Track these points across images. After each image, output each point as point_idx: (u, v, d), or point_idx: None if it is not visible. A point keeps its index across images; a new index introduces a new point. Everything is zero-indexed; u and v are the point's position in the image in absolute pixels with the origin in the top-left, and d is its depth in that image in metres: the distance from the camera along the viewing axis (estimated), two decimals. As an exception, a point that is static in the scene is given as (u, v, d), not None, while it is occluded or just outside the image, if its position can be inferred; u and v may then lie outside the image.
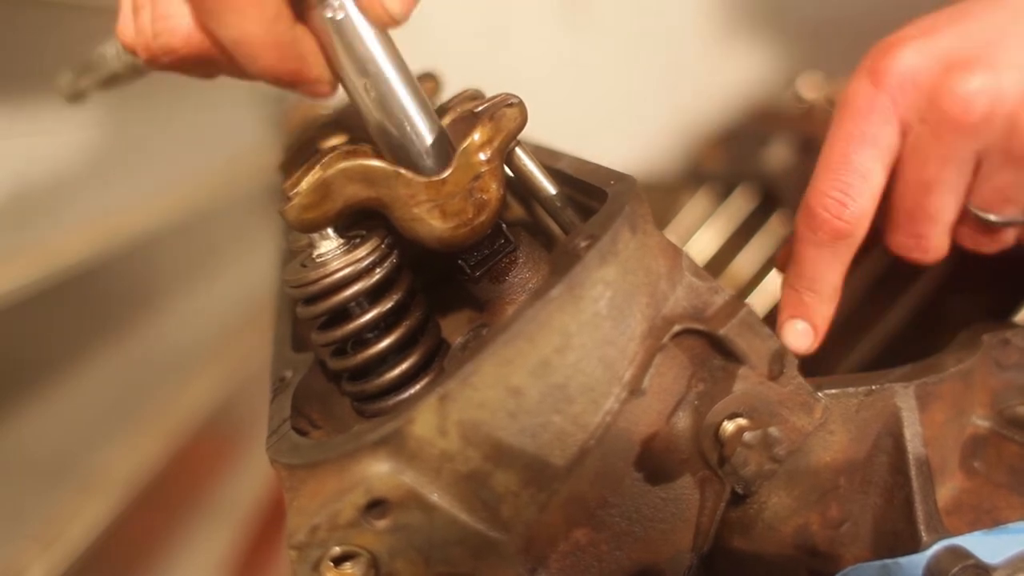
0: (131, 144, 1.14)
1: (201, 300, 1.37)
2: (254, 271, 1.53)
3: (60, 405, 0.97)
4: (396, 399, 0.41)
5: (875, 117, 0.45)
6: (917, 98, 0.44)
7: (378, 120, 0.39)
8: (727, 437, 0.38)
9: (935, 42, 0.44)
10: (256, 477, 1.39)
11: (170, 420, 1.14)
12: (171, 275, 1.31)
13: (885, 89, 0.45)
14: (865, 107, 0.45)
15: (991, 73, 0.42)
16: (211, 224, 1.46)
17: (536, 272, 0.44)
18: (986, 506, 0.47)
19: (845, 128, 0.46)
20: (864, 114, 0.45)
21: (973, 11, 0.45)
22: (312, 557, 0.35)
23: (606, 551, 0.39)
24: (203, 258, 1.43)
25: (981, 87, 0.42)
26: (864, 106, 0.45)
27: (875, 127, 0.45)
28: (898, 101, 0.45)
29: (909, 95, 0.44)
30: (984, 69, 0.42)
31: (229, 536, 1.30)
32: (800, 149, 1.03)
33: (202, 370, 1.28)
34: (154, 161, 1.21)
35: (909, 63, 0.44)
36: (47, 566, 0.84)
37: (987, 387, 0.49)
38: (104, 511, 0.95)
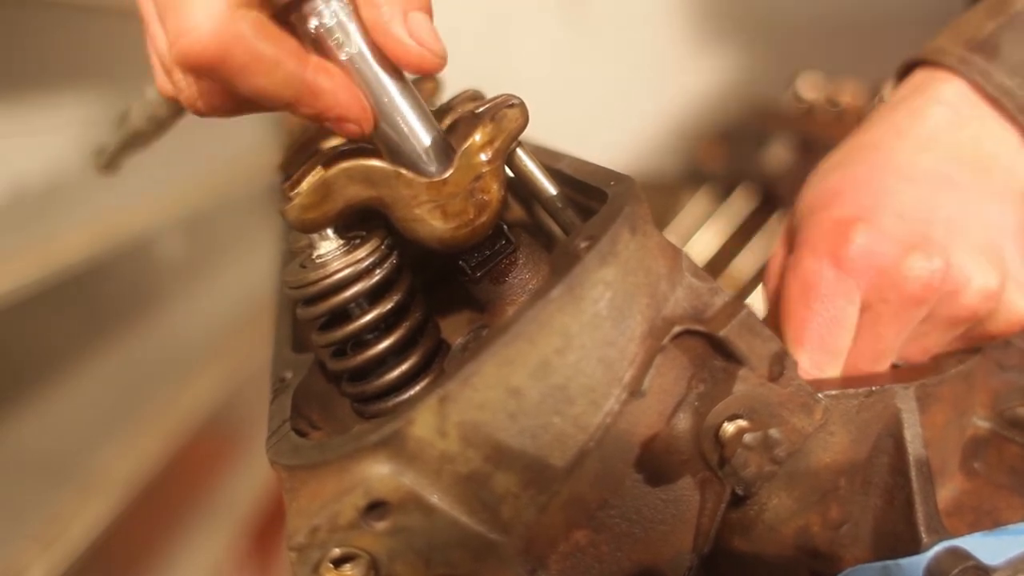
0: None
1: (201, 300, 1.37)
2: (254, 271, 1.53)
3: (60, 405, 0.97)
4: (396, 400, 0.41)
5: (841, 299, 0.48)
6: (877, 279, 0.47)
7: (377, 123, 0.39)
8: (727, 438, 0.38)
9: (880, 224, 0.48)
10: (256, 478, 1.39)
11: (170, 420, 1.14)
12: (171, 275, 1.31)
13: (849, 273, 0.48)
14: (831, 291, 0.48)
15: (941, 254, 0.46)
16: (211, 224, 1.46)
17: (536, 273, 0.44)
18: (986, 507, 0.47)
19: (814, 310, 0.48)
20: (832, 298, 0.48)
21: (889, 186, 0.49)
22: (312, 558, 0.35)
23: (606, 552, 0.39)
24: (203, 258, 1.43)
25: (938, 267, 0.46)
26: (830, 290, 0.48)
27: (843, 309, 0.48)
28: (861, 284, 0.48)
29: (870, 277, 0.47)
30: (936, 251, 0.46)
31: (229, 536, 1.30)
32: (800, 149, 1.03)
33: (202, 370, 1.28)
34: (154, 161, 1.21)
35: (866, 247, 0.47)
36: (47, 566, 0.84)
37: (988, 388, 0.49)
38: (104, 511, 0.95)
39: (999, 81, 0.49)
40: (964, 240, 0.47)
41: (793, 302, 0.49)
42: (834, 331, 0.48)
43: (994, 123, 0.50)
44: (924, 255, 0.46)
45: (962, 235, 0.48)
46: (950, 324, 0.48)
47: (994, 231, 0.48)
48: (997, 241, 0.48)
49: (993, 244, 0.48)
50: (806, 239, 0.50)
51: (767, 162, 1.05)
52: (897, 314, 0.47)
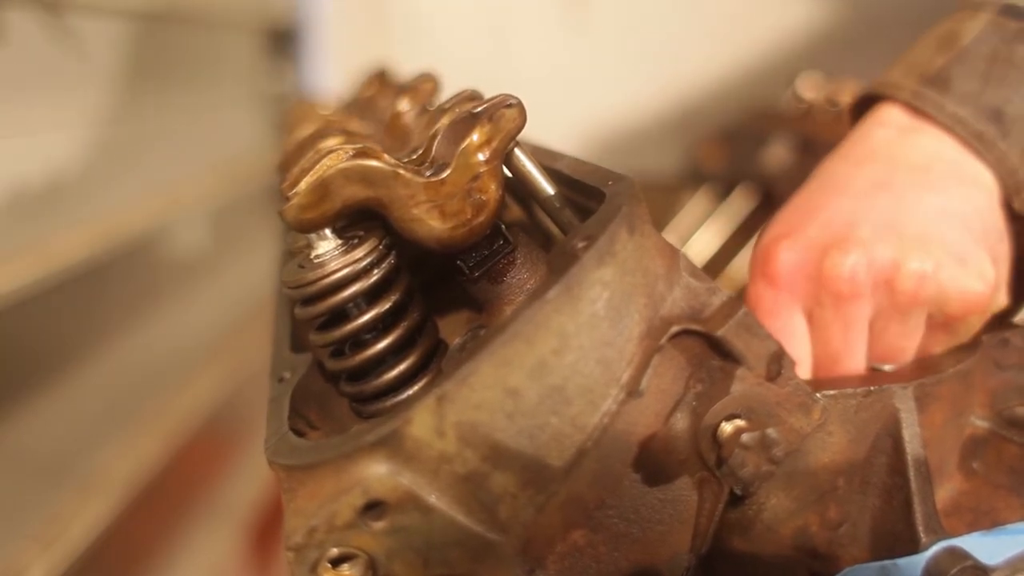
0: (131, 144, 1.14)
1: (201, 300, 1.37)
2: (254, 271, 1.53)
3: (60, 405, 0.97)
4: (394, 400, 0.41)
5: (784, 313, 0.50)
6: (808, 286, 0.49)
7: None
8: (725, 438, 0.38)
9: (804, 235, 0.50)
10: (255, 478, 1.39)
11: (170, 420, 1.14)
12: (171, 275, 1.31)
13: (781, 287, 0.50)
14: (772, 308, 0.50)
15: (860, 247, 0.48)
16: (211, 224, 1.46)
17: (534, 273, 0.44)
18: (985, 507, 0.47)
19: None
20: (775, 314, 0.50)
21: (822, 202, 0.51)
22: (310, 558, 0.35)
23: (604, 552, 0.39)
24: (203, 258, 1.43)
25: (857, 260, 0.47)
26: (771, 307, 0.50)
27: (787, 322, 0.50)
28: (795, 291, 0.50)
29: (801, 286, 0.49)
30: (853, 246, 0.48)
31: (229, 536, 1.30)
32: (800, 149, 1.03)
33: (202, 370, 1.28)
34: (154, 161, 1.21)
35: (791, 259, 0.50)
36: (47, 566, 0.84)
37: (986, 388, 0.49)
38: (104, 511, 0.95)
39: (952, 111, 0.50)
40: (892, 233, 0.48)
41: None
42: (790, 344, 0.49)
43: (935, 136, 0.51)
44: (841, 252, 0.48)
45: (891, 229, 0.48)
46: (900, 313, 0.48)
47: (930, 219, 0.49)
48: (933, 227, 0.48)
49: (927, 231, 0.48)
50: (750, 266, 0.53)
51: (767, 162, 1.05)
52: (836, 314, 0.49)
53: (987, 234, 0.49)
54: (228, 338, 1.39)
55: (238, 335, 1.41)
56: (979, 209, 0.49)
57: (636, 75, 1.45)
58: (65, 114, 1.00)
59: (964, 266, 0.48)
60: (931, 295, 0.48)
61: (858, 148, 0.53)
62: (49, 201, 0.94)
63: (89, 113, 1.06)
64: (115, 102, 1.12)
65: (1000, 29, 0.51)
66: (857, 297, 0.48)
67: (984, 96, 0.50)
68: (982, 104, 0.50)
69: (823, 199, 0.52)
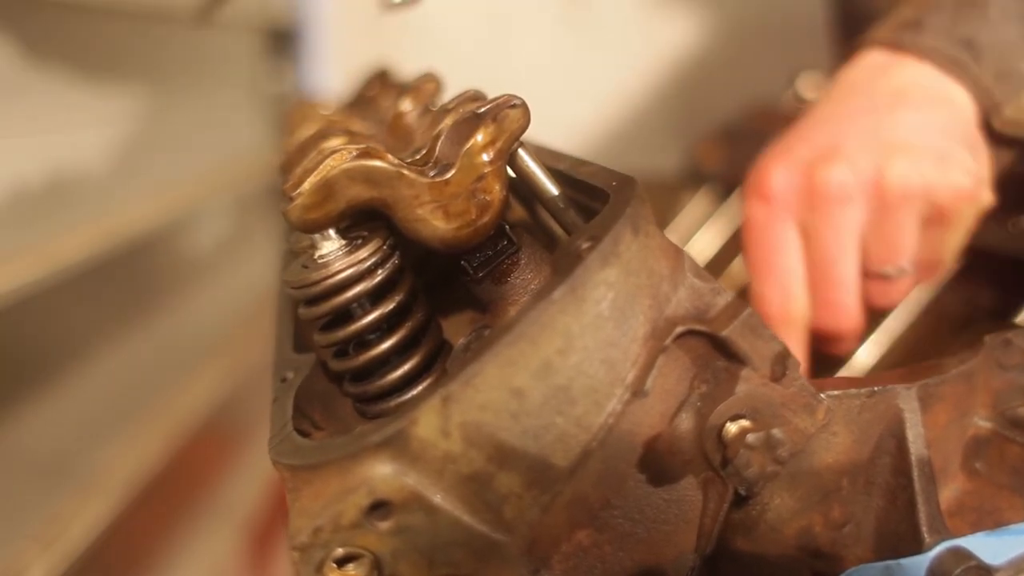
0: (131, 144, 1.14)
1: (201, 300, 1.37)
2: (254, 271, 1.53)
3: (60, 405, 0.97)
4: (398, 400, 0.41)
5: (778, 225, 0.54)
6: (799, 197, 0.53)
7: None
8: (730, 439, 0.38)
9: (794, 154, 0.54)
10: (256, 478, 1.39)
11: (170, 420, 1.14)
12: (171, 275, 1.31)
13: (774, 201, 0.54)
14: (766, 222, 0.54)
15: (845, 159, 0.52)
16: (211, 224, 1.46)
17: (538, 273, 0.44)
18: (988, 507, 0.47)
19: (757, 242, 0.55)
20: (769, 227, 0.54)
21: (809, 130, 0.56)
22: (315, 558, 0.35)
23: (609, 552, 0.39)
24: (203, 258, 1.43)
25: (843, 168, 0.51)
26: (765, 220, 0.54)
27: (780, 233, 0.54)
28: (788, 205, 0.53)
29: (793, 197, 0.53)
30: (838, 158, 0.52)
31: (229, 536, 1.30)
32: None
33: (202, 370, 1.28)
34: (154, 161, 1.21)
35: (783, 175, 0.54)
36: (47, 566, 0.84)
37: (989, 388, 0.49)
38: (104, 511, 0.95)
39: (927, 43, 0.54)
40: (876, 141, 0.52)
41: (745, 250, 0.56)
42: (780, 255, 0.53)
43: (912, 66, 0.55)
44: (830, 163, 0.51)
45: (874, 138, 0.52)
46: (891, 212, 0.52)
47: (909, 129, 0.52)
48: (913, 135, 0.52)
49: (907, 138, 0.52)
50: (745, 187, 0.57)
51: (767, 162, 1.04)
52: (827, 220, 0.52)
53: (966, 139, 0.53)
54: (229, 338, 1.39)
55: (239, 335, 1.41)
56: (956, 121, 0.53)
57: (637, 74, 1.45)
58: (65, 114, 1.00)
59: (945, 161, 0.51)
60: (917, 189, 0.51)
61: (840, 86, 0.58)
62: (49, 201, 0.94)
63: (89, 113, 1.06)
64: (115, 102, 1.12)
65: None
66: (846, 200, 0.51)
67: (955, 30, 0.54)
68: (955, 35, 0.54)
69: (809, 129, 0.56)
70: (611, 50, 1.46)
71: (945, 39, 0.54)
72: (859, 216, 0.52)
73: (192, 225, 1.37)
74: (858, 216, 0.52)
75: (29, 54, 0.93)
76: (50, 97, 0.97)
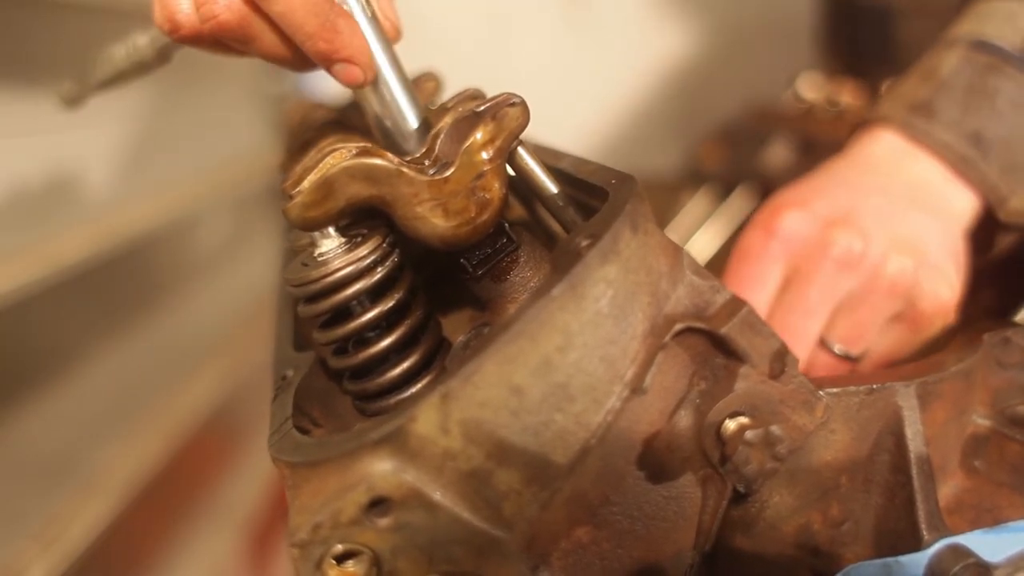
0: (131, 144, 1.14)
1: (201, 300, 1.37)
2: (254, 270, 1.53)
3: (60, 405, 0.97)
4: (398, 398, 0.41)
5: (768, 261, 0.55)
6: (803, 246, 0.55)
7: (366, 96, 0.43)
8: (729, 436, 0.38)
9: (811, 206, 0.56)
10: (256, 477, 1.39)
11: (170, 420, 1.14)
12: (171, 275, 1.31)
13: (776, 239, 0.55)
14: (760, 252, 0.56)
15: (860, 232, 0.53)
16: (211, 224, 1.46)
17: (538, 271, 0.44)
18: (987, 505, 0.47)
19: (742, 269, 0.57)
20: (758, 259, 0.56)
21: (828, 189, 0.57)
22: (314, 555, 0.35)
23: (608, 549, 0.39)
24: (203, 258, 1.43)
25: (858, 239, 0.53)
26: (759, 252, 0.56)
27: (767, 269, 0.55)
28: (787, 248, 0.55)
29: (797, 244, 0.55)
30: (855, 228, 0.53)
31: (229, 536, 1.30)
32: (800, 149, 1.04)
33: (202, 369, 1.28)
34: (154, 161, 1.21)
35: (795, 221, 0.55)
36: (47, 566, 0.84)
37: (988, 386, 0.49)
38: (104, 511, 0.95)
39: (939, 137, 0.56)
40: (887, 229, 0.54)
41: (730, 266, 0.58)
42: (755, 287, 0.55)
43: (927, 161, 0.57)
44: (846, 230, 0.53)
45: (886, 225, 0.54)
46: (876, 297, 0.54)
47: (917, 229, 0.55)
48: (918, 235, 0.55)
49: (913, 238, 0.54)
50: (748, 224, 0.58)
51: (767, 162, 1.05)
52: (819, 274, 0.53)
53: (954, 254, 0.56)
54: (229, 338, 1.39)
55: (239, 335, 1.41)
56: (952, 235, 0.56)
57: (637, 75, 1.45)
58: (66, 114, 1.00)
59: (939, 272, 0.54)
60: (907, 288, 0.53)
61: (861, 157, 0.59)
62: (49, 201, 0.94)
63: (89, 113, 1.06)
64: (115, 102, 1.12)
65: (972, 63, 0.58)
66: (847, 268, 0.53)
67: (964, 123, 0.56)
68: (964, 130, 0.56)
69: (829, 187, 0.57)
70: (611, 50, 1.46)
71: (955, 133, 0.56)
72: (847, 288, 0.53)
73: (192, 225, 1.37)
74: (846, 287, 0.53)
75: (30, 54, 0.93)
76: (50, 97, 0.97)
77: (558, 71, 1.48)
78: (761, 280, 0.55)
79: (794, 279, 0.55)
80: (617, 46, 1.45)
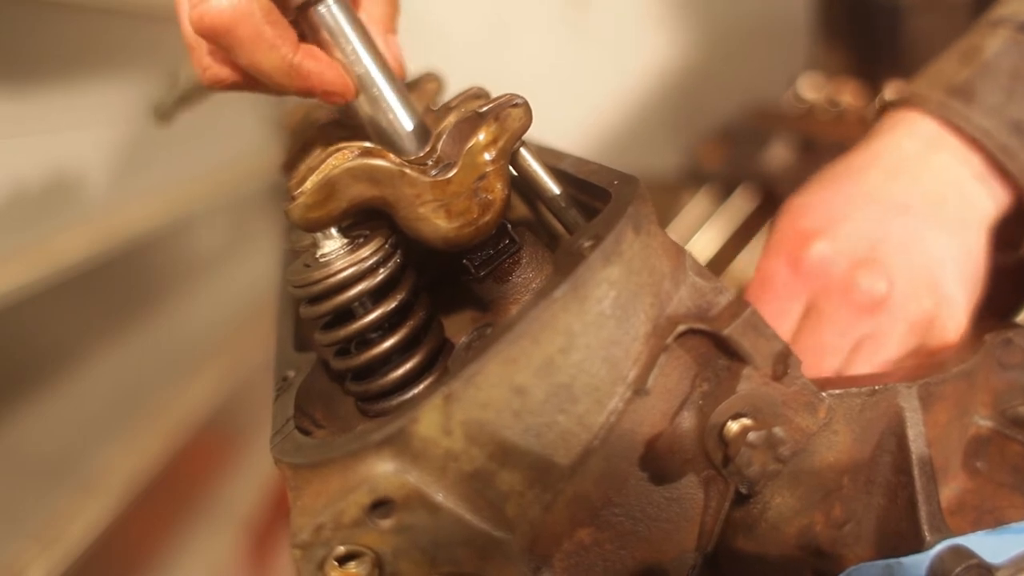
0: (131, 144, 1.14)
1: (201, 300, 1.37)
2: (254, 271, 1.53)
3: (60, 405, 0.97)
4: (400, 399, 0.41)
5: (790, 296, 0.54)
6: (828, 284, 0.53)
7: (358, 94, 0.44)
8: (731, 437, 0.38)
9: (838, 237, 0.53)
10: (256, 478, 1.39)
11: (170, 420, 1.14)
12: (171, 275, 1.31)
13: (801, 275, 0.54)
14: (783, 288, 0.54)
15: (883, 272, 0.52)
16: (211, 224, 1.46)
17: (540, 272, 0.44)
18: (989, 506, 0.47)
19: (764, 301, 0.55)
20: (782, 294, 0.54)
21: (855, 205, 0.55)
22: (316, 556, 0.35)
23: (610, 550, 0.39)
24: (203, 258, 1.43)
25: (882, 284, 0.51)
26: (782, 287, 0.54)
27: (789, 305, 0.54)
28: (809, 284, 0.53)
29: (821, 281, 0.53)
30: (877, 268, 0.52)
31: (229, 536, 1.30)
32: (800, 149, 1.04)
33: (203, 370, 1.28)
34: (154, 161, 1.21)
35: (822, 255, 0.53)
36: (47, 566, 0.84)
37: (990, 387, 0.49)
38: (104, 511, 0.95)
39: (978, 123, 0.53)
40: (909, 262, 0.52)
41: (751, 291, 0.56)
42: (776, 321, 0.51)
43: (959, 154, 0.54)
44: (872, 273, 0.52)
45: (907, 259, 0.53)
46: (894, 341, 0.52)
47: (935, 260, 0.53)
48: (936, 269, 0.53)
49: (932, 271, 0.53)
50: (771, 243, 0.57)
51: (767, 162, 1.05)
52: (839, 315, 0.52)
53: (974, 282, 0.54)
54: (229, 337, 1.39)
55: (239, 334, 1.41)
56: (972, 255, 0.54)
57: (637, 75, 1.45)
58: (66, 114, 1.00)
59: (952, 308, 0.53)
60: (925, 329, 0.53)
61: (889, 156, 0.56)
62: (50, 201, 0.94)
63: (89, 113, 1.06)
64: (115, 102, 1.12)
65: (1019, 45, 0.54)
66: (868, 313, 0.52)
67: (1008, 110, 0.53)
68: (1006, 117, 0.53)
69: (853, 204, 0.55)
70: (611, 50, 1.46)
71: (996, 120, 0.53)
72: (866, 330, 0.52)
73: (192, 225, 1.37)
74: (865, 329, 0.52)
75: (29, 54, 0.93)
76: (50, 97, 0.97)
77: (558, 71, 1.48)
78: (782, 315, 0.54)
79: (812, 316, 0.53)
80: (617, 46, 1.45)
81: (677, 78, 1.42)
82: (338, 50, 0.44)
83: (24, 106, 0.92)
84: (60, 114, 0.99)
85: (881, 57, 1.05)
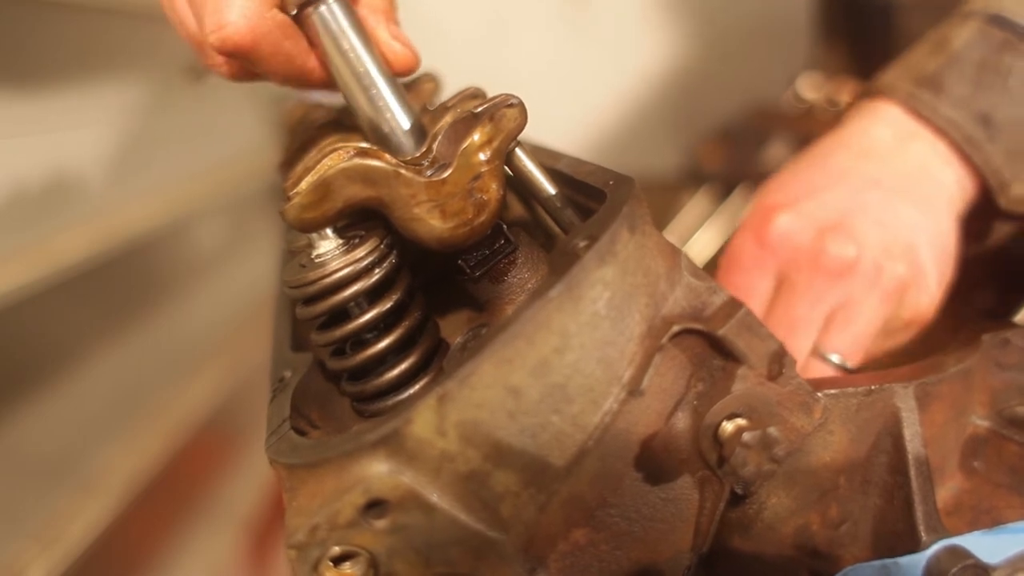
0: (131, 144, 1.14)
1: (201, 300, 1.37)
2: (253, 271, 1.53)
3: (60, 405, 0.97)
4: (395, 399, 0.41)
5: (759, 271, 0.54)
6: (795, 256, 0.53)
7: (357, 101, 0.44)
8: (726, 437, 0.38)
9: (804, 208, 0.54)
10: (255, 478, 1.39)
11: (170, 420, 1.14)
12: (171, 275, 1.31)
13: (768, 247, 0.54)
14: (750, 264, 0.54)
15: (854, 239, 0.52)
16: (211, 224, 1.46)
17: (535, 272, 0.44)
18: (985, 506, 0.47)
19: (732, 280, 0.55)
20: (749, 270, 0.54)
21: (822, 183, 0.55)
22: (311, 557, 0.35)
23: (605, 551, 0.39)
24: (203, 258, 1.43)
25: (852, 247, 0.51)
26: (750, 263, 0.54)
27: (758, 280, 0.54)
28: (779, 256, 0.53)
29: (787, 252, 0.53)
30: (849, 235, 0.52)
31: (229, 536, 1.30)
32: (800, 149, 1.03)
33: (202, 370, 1.28)
34: (154, 161, 1.21)
35: (787, 226, 0.53)
36: (47, 566, 0.84)
37: (987, 387, 0.49)
38: (104, 511, 0.95)
39: (945, 114, 0.54)
40: (880, 229, 0.52)
41: (719, 273, 0.56)
42: (746, 298, 0.52)
43: (928, 142, 0.55)
44: (840, 237, 0.52)
45: (880, 228, 0.52)
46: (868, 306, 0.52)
47: (908, 226, 0.53)
48: (908, 234, 0.53)
49: (907, 240, 0.53)
50: (741, 223, 0.57)
51: (767, 162, 1.05)
52: (810, 285, 0.52)
53: (946, 258, 0.54)
54: (229, 337, 1.39)
55: (239, 334, 1.41)
56: (942, 231, 0.54)
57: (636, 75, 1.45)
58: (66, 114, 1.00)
59: (926, 281, 0.53)
60: (899, 295, 0.53)
61: (858, 140, 0.57)
62: (50, 201, 0.94)
63: (89, 113, 1.06)
64: (115, 102, 1.12)
65: (988, 37, 0.55)
66: (839, 279, 0.51)
67: (975, 101, 0.54)
68: (973, 109, 0.53)
69: (823, 180, 0.55)
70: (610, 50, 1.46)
71: (963, 111, 0.53)
72: (838, 297, 0.52)
73: (192, 225, 1.37)
74: (838, 296, 0.52)
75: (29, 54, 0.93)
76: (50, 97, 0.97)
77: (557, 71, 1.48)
78: (751, 292, 0.54)
79: (783, 289, 0.53)
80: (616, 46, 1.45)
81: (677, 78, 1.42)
82: (337, 50, 0.44)
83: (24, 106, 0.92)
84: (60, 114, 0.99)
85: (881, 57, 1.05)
